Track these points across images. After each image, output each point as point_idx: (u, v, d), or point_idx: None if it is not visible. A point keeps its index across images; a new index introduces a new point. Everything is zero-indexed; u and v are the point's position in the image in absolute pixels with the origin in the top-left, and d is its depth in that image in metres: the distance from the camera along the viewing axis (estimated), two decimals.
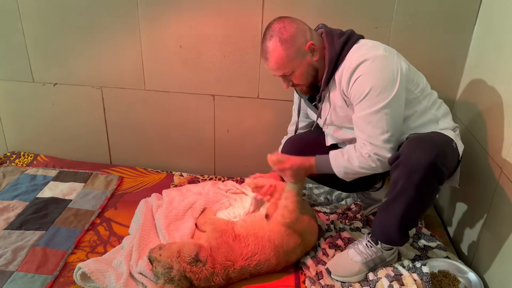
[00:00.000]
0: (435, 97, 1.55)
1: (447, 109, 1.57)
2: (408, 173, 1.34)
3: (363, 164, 1.45)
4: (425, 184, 1.34)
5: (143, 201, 1.88)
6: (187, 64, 2.09)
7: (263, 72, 2.06)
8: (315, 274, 1.58)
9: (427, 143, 1.37)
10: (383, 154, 1.42)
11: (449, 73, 1.94)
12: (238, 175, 2.26)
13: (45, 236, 1.72)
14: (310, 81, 1.51)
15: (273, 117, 2.15)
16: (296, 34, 1.41)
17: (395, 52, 1.45)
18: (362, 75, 1.36)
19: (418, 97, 1.47)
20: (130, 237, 1.67)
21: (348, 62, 1.40)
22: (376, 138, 1.40)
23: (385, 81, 1.35)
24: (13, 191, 2.02)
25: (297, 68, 1.45)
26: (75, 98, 2.24)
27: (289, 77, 1.49)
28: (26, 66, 2.20)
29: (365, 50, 1.39)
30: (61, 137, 2.36)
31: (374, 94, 1.36)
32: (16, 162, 2.31)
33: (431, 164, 1.31)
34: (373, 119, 1.38)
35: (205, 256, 1.43)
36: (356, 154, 1.47)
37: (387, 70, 1.36)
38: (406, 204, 1.40)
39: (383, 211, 1.48)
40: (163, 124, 2.26)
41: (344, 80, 1.41)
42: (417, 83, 1.46)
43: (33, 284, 1.49)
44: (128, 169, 2.28)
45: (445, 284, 1.52)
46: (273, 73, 1.50)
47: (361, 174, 1.50)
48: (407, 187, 1.36)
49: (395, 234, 1.49)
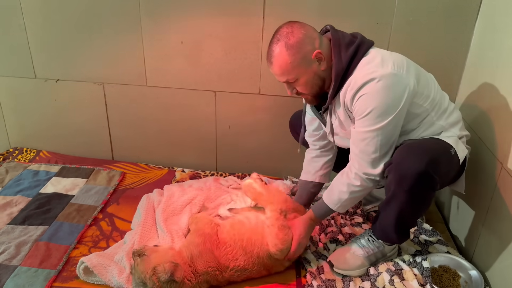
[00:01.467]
0: (446, 104, 1.50)
1: (457, 118, 1.52)
2: (398, 180, 1.35)
3: (351, 188, 1.45)
4: (415, 190, 1.34)
5: (145, 196, 1.89)
6: (188, 60, 2.10)
7: (264, 68, 2.07)
8: (316, 269, 1.59)
9: (420, 150, 1.35)
10: (371, 172, 1.41)
11: (450, 69, 1.94)
12: (240, 170, 2.27)
13: (48, 231, 1.73)
14: (315, 90, 1.46)
15: (275, 113, 2.15)
16: (303, 41, 1.36)
17: (405, 64, 1.38)
18: (366, 94, 1.33)
19: (427, 110, 1.43)
20: (132, 232, 1.68)
21: (353, 79, 1.36)
22: (367, 156, 1.40)
23: (387, 104, 1.32)
24: (16, 186, 2.03)
25: (301, 76, 1.41)
26: (77, 94, 2.25)
27: (293, 84, 1.45)
28: (28, 62, 2.20)
29: (373, 67, 1.33)
30: (63, 133, 2.36)
31: (375, 115, 1.34)
32: (18, 158, 2.32)
33: (421, 171, 1.30)
34: (368, 137, 1.37)
35: (180, 277, 1.36)
36: (342, 180, 1.48)
37: (392, 92, 1.32)
38: (398, 209, 1.41)
39: (381, 212, 1.51)
40: (165, 120, 2.27)
41: (348, 97, 1.38)
42: (426, 95, 1.42)
43: (36, 278, 1.50)
44: (130, 165, 2.29)
45: (446, 278, 1.53)
46: (277, 78, 1.46)
47: (354, 198, 1.49)
48: (398, 193, 1.37)
49: (393, 234, 1.51)
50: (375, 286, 1.50)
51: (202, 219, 1.63)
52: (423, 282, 1.47)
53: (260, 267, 1.52)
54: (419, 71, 1.44)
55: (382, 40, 1.89)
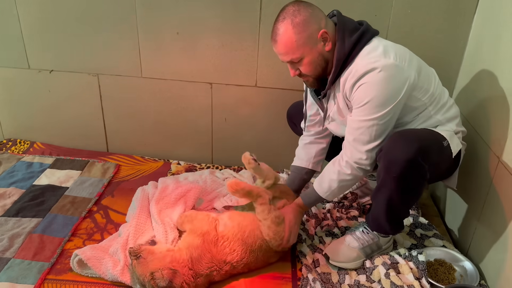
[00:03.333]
0: (445, 99, 1.50)
1: (455, 113, 1.52)
2: (387, 167, 1.35)
3: (341, 176, 1.48)
4: (403, 178, 1.34)
5: (140, 189, 1.87)
6: (184, 52, 2.07)
7: (261, 60, 2.05)
8: (312, 262, 1.58)
9: (410, 137, 1.36)
10: (362, 161, 1.43)
11: (448, 63, 1.93)
12: (236, 164, 2.26)
13: (42, 223, 1.72)
14: (318, 72, 1.44)
15: (271, 106, 2.14)
16: (309, 19, 1.35)
17: (407, 56, 1.38)
18: (366, 84, 1.33)
19: (425, 104, 1.44)
20: (127, 225, 1.67)
21: (355, 67, 1.36)
22: (361, 144, 1.41)
23: (386, 95, 1.33)
24: (10, 178, 2.01)
25: (306, 56, 1.39)
26: (72, 85, 2.22)
27: (297, 64, 1.43)
28: (21, 53, 2.17)
29: (375, 57, 1.33)
30: (57, 125, 2.34)
31: (372, 105, 1.34)
32: (12, 149, 2.29)
33: (410, 158, 1.31)
34: (363, 126, 1.38)
35: (179, 284, 1.34)
36: (333, 168, 1.50)
37: (392, 84, 1.32)
38: (388, 197, 1.41)
39: (372, 201, 1.52)
40: (160, 112, 2.25)
41: (348, 85, 1.38)
42: (426, 89, 1.42)
43: (30, 271, 1.49)
44: (125, 157, 2.27)
45: (441, 272, 1.53)
46: (280, 58, 1.44)
47: (343, 187, 1.52)
48: (387, 180, 1.38)
49: (384, 224, 1.51)
50: (371, 279, 1.50)
51: (198, 216, 1.58)
52: (419, 276, 1.47)
53: (257, 257, 1.52)
54: (420, 65, 1.44)
55: (379, 32, 1.86)
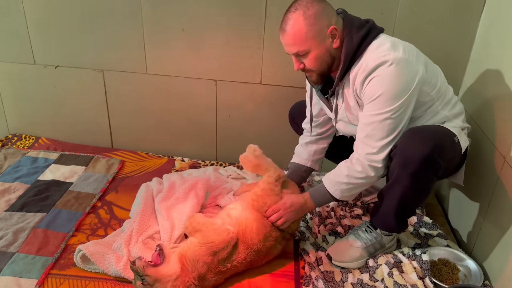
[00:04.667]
0: (450, 95, 1.50)
1: (460, 110, 1.52)
2: (403, 163, 1.34)
3: (351, 171, 1.43)
4: (419, 175, 1.33)
5: (144, 185, 1.87)
6: (189, 48, 2.07)
7: (266, 57, 2.04)
8: (315, 260, 1.58)
9: (425, 134, 1.35)
10: (374, 157, 1.38)
11: (454, 61, 1.92)
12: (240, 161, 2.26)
13: (46, 218, 1.73)
14: (323, 68, 1.43)
15: (276, 103, 2.13)
16: (321, 14, 1.34)
17: (415, 52, 1.38)
18: (377, 77, 1.32)
19: (433, 98, 1.43)
20: (130, 221, 1.67)
21: (364, 62, 1.34)
22: (373, 141, 1.38)
23: (398, 88, 1.31)
24: (15, 173, 2.02)
25: (313, 49, 1.37)
26: (77, 81, 2.23)
27: (302, 57, 1.41)
28: (27, 48, 2.18)
29: (384, 50, 1.32)
30: (62, 120, 2.35)
31: (384, 99, 1.32)
32: (17, 144, 2.30)
33: (427, 155, 1.30)
34: (376, 121, 1.36)
35: None
36: (344, 164, 1.46)
37: (403, 77, 1.31)
38: (400, 193, 1.40)
39: (381, 199, 1.49)
40: (165, 109, 2.25)
41: (358, 80, 1.37)
42: (434, 84, 1.41)
43: (33, 265, 1.49)
44: (130, 153, 2.27)
45: (445, 272, 1.52)
46: (287, 50, 1.42)
47: (353, 185, 1.45)
48: (402, 177, 1.36)
49: (392, 221, 1.50)
50: (374, 278, 1.50)
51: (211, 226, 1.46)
52: (422, 275, 1.47)
53: (260, 254, 1.50)
54: (427, 60, 1.45)
55: (386, 30, 1.84)
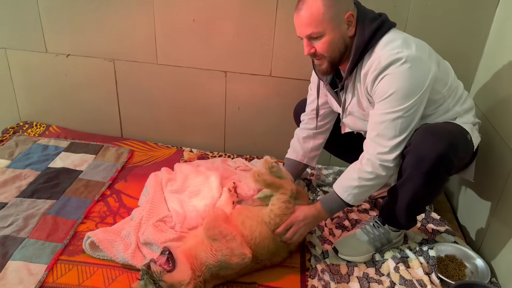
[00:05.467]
0: (461, 91, 1.48)
1: (471, 105, 1.50)
2: (417, 161, 1.32)
3: (361, 174, 1.39)
4: (433, 173, 1.32)
5: (153, 174, 1.89)
6: (200, 39, 2.07)
7: (276, 49, 2.03)
8: (321, 253, 1.58)
9: (440, 132, 1.34)
10: (385, 157, 1.36)
11: (467, 57, 1.89)
12: (248, 153, 2.26)
13: (56, 205, 1.75)
14: (335, 55, 1.39)
15: (285, 96, 2.13)
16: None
17: (427, 49, 1.36)
18: (390, 75, 1.30)
19: (444, 96, 1.41)
20: (139, 209, 1.69)
21: (376, 59, 1.32)
22: (385, 140, 1.35)
23: (411, 87, 1.29)
24: (25, 160, 2.04)
25: (328, 33, 1.33)
26: (88, 70, 2.24)
27: (315, 40, 1.37)
28: (39, 36, 2.19)
29: (397, 47, 1.30)
30: (73, 109, 2.36)
31: (396, 97, 1.30)
32: (28, 131, 2.33)
33: (441, 154, 1.29)
34: (388, 119, 1.33)
35: None
36: (354, 167, 1.43)
37: (416, 75, 1.29)
38: (412, 192, 1.39)
39: (391, 195, 1.48)
40: (174, 99, 2.25)
41: (370, 78, 1.34)
42: (445, 81, 1.39)
43: (43, 251, 1.52)
44: (139, 143, 2.29)
45: (451, 268, 1.52)
46: (300, 31, 1.38)
47: (364, 187, 1.42)
48: (415, 175, 1.34)
49: (402, 218, 1.49)
50: (380, 273, 1.50)
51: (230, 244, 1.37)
52: (429, 271, 1.47)
53: (264, 266, 1.49)
54: (438, 57, 1.42)
55: (398, 24, 1.81)
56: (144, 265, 1.28)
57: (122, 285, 1.41)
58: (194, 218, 1.63)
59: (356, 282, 1.47)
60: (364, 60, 1.37)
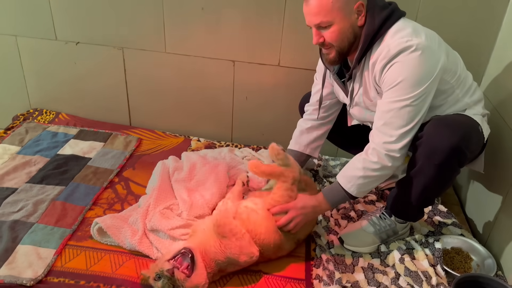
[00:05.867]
0: (470, 82, 1.46)
1: (480, 96, 1.48)
2: (429, 153, 1.31)
3: (366, 163, 1.36)
4: (445, 166, 1.31)
5: (160, 162, 1.90)
6: (208, 28, 2.06)
7: (285, 39, 2.02)
8: (326, 243, 1.59)
9: (453, 124, 1.32)
10: (392, 146, 1.33)
11: (479, 48, 1.87)
12: (255, 143, 2.26)
13: (65, 191, 1.77)
14: (344, 45, 1.37)
15: (293, 86, 2.12)
16: None
17: (437, 39, 1.34)
18: (398, 63, 1.28)
19: (453, 86, 1.39)
20: (146, 197, 1.70)
21: (386, 48, 1.30)
22: (392, 129, 1.33)
23: (420, 76, 1.27)
24: (35, 146, 2.06)
25: (337, 22, 1.32)
26: (97, 58, 2.25)
27: (324, 29, 1.36)
28: (49, 24, 2.20)
29: (407, 35, 1.28)
30: (82, 97, 2.38)
31: (405, 86, 1.28)
32: (38, 119, 2.35)
33: (454, 146, 1.27)
34: (395, 108, 1.31)
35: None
36: (359, 157, 1.40)
37: (425, 64, 1.27)
38: (423, 184, 1.37)
39: (400, 187, 1.47)
40: (182, 88, 2.26)
41: (378, 66, 1.33)
42: (454, 71, 1.38)
43: (52, 236, 1.54)
44: (147, 131, 2.30)
45: (457, 261, 1.52)
46: (308, 20, 1.36)
47: (369, 178, 1.39)
48: (426, 167, 1.33)
49: (410, 210, 1.49)
50: (385, 264, 1.50)
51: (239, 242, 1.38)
52: (434, 263, 1.46)
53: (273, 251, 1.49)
54: (447, 47, 1.41)
55: (409, 12, 1.80)
56: (167, 270, 1.26)
57: (129, 270, 1.43)
58: (200, 206, 1.64)
59: (361, 273, 1.47)
60: (373, 49, 1.36)
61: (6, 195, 1.71)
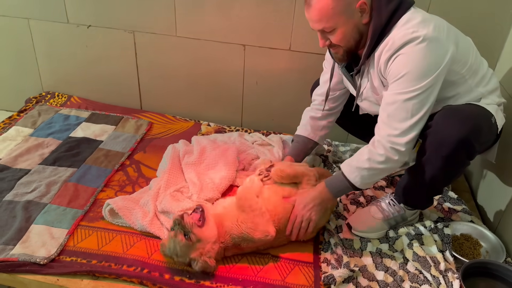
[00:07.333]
0: (484, 70, 1.41)
1: (495, 84, 1.44)
2: (437, 145, 1.30)
3: (372, 155, 1.34)
4: (453, 158, 1.29)
5: (171, 146, 1.91)
6: (219, 11, 2.05)
7: (296, 23, 2.00)
8: (335, 228, 1.60)
9: (463, 115, 1.29)
10: (398, 141, 1.30)
11: (493, 34, 1.83)
12: (265, 128, 2.26)
13: (77, 173, 1.80)
14: (351, 45, 1.36)
15: (304, 71, 2.10)
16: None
17: (446, 28, 1.30)
18: (403, 55, 1.25)
19: (464, 76, 1.35)
20: (157, 179, 1.72)
21: (391, 39, 1.27)
22: (396, 121, 1.30)
23: (425, 68, 1.24)
24: (48, 129, 2.09)
25: (340, 26, 1.31)
26: (108, 41, 2.25)
27: (328, 34, 1.35)
28: (61, 7, 2.20)
29: (413, 26, 1.25)
30: (94, 80, 2.39)
31: (410, 78, 1.25)
32: (50, 101, 2.38)
33: (463, 138, 1.25)
34: (399, 100, 1.28)
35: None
36: (364, 149, 1.38)
37: (431, 56, 1.24)
38: (431, 174, 1.36)
39: (409, 175, 1.47)
40: (193, 73, 2.25)
41: (383, 58, 1.30)
42: (464, 61, 1.33)
43: (64, 216, 1.57)
44: (158, 115, 2.31)
45: (466, 247, 1.51)
46: (312, 26, 1.36)
47: (374, 170, 1.36)
48: (434, 158, 1.32)
49: (418, 199, 1.48)
50: (393, 249, 1.51)
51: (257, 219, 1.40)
52: (443, 249, 1.46)
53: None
54: (458, 36, 1.36)
55: (422, 1, 1.78)
56: (179, 216, 1.34)
57: (140, 251, 1.46)
58: (210, 189, 1.65)
59: (369, 257, 1.48)
60: (380, 43, 1.33)
61: (20, 176, 1.75)
